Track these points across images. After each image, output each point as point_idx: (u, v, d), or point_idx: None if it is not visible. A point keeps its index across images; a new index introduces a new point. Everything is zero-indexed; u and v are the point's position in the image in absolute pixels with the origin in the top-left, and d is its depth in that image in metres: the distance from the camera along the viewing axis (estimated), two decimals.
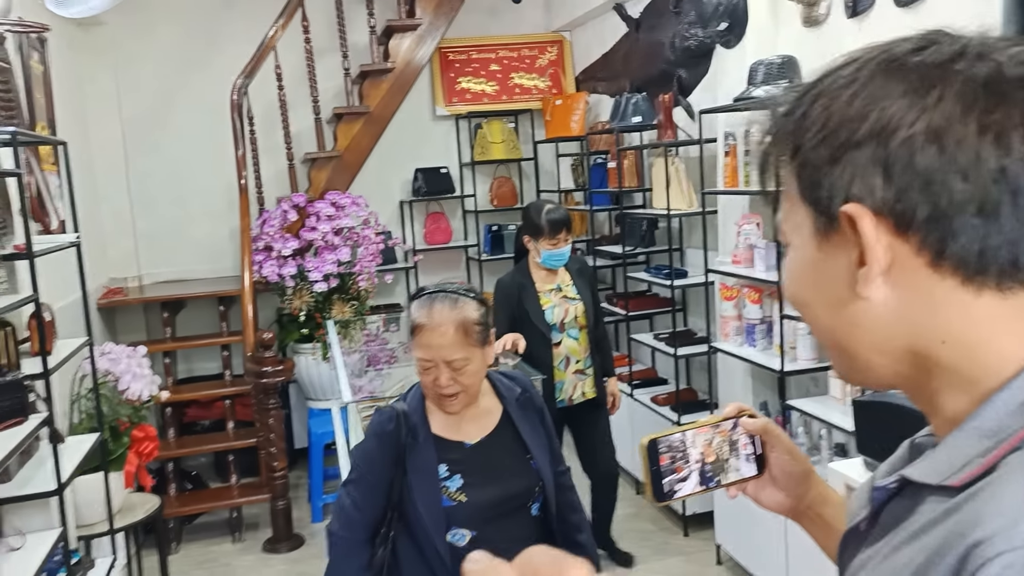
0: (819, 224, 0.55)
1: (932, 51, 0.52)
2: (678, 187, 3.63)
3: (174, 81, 4.71)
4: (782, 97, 0.60)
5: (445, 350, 1.53)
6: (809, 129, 0.54)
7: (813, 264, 0.57)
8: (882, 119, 0.51)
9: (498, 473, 1.60)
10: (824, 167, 0.53)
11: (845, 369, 0.60)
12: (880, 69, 0.53)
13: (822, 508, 0.83)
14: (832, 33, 2.90)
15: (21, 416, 1.92)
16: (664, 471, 0.83)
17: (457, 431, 1.62)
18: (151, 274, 4.73)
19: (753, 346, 3.11)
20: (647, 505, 4.00)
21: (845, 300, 0.55)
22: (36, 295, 1.99)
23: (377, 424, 1.60)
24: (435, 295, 1.58)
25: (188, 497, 3.98)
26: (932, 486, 0.52)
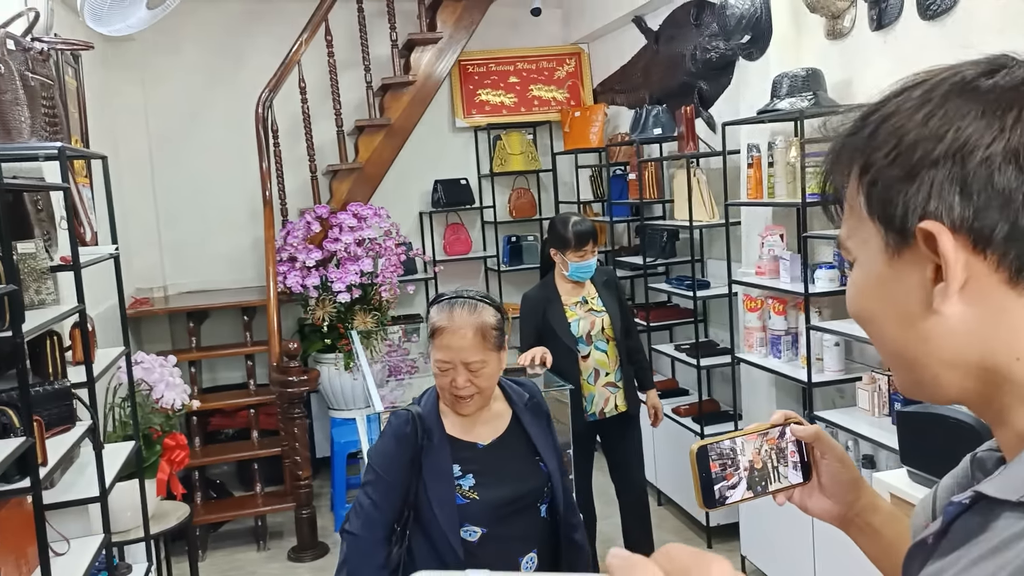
0: (890, 240, 0.56)
1: (1004, 74, 0.54)
2: (700, 199, 3.66)
3: (200, 96, 4.79)
4: (842, 118, 0.62)
5: (464, 352, 1.59)
6: (880, 148, 0.56)
7: (882, 280, 0.58)
8: (959, 139, 0.52)
9: (509, 473, 1.66)
10: (898, 184, 0.54)
11: (911, 384, 0.60)
12: (953, 91, 0.54)
13: (871, 516, 0.83)
14: (856, 46, 2.93)
15: (69, 423, 1.96)
16: (715, 478, 0.84)
17: (470, 432, 1.68)
18: (175, 284, 4.79)
19: (778, 357, 3.12)
20: (669, 516, 4.01)
21: (917, 315, 0.56)
22: (82, 305, 2.04)
23: (395, 426, 1.65)
24: (455, 300, 1.65)
25: (214, 505, 4.01)
26: (1011, 502, 0.52)
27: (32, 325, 1.65)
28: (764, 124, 3.18)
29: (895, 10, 2.70)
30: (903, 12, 2.68)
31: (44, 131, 2.17)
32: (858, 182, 0.58)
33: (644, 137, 4.03)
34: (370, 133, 4.65)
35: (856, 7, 2.90)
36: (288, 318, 4.53)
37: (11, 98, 2.03)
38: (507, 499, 1.64)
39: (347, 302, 4.20)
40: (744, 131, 3.36)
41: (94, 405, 2.11)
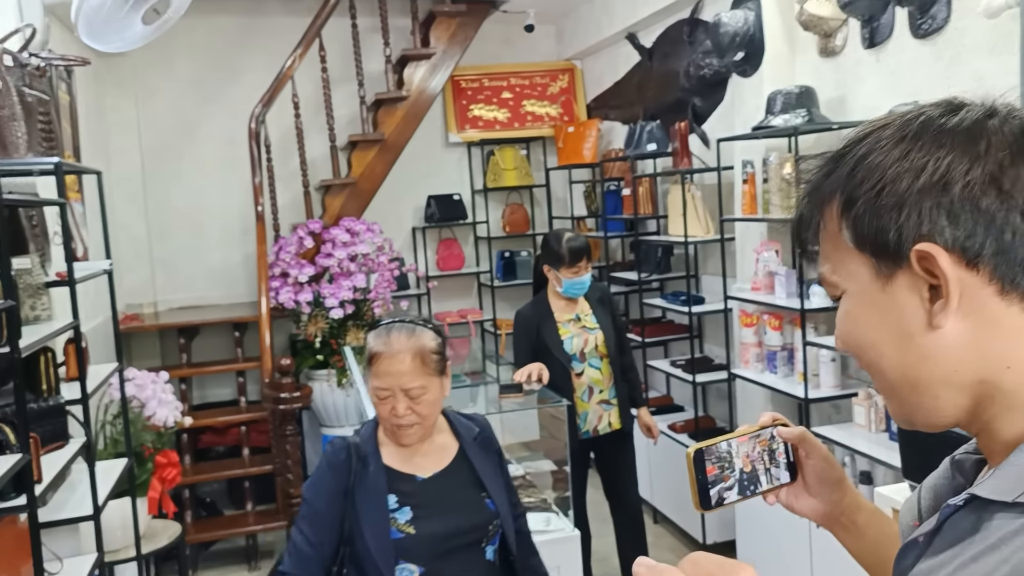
0: (882, 267, 0.60)
1: (965, 112, 0.60)
2: (694, 214, 3.67)
3: (192, 111, 4.78)
4: (814, 163, 0.67)
5: (404, 378, 1.54)
6: (864, 183, 0.60)
7: (877, 306, 0.61)
8: (940, 168, 0.57)
9: (450, 507, 1.59)
10: (888, 214, 0.59)
11: (911, 408, 0.63)
12: (924, 129, 0.60)
13: (856, 515, 0.86)
14: (849, 64, 2.96)
15: (63, 440, 1.93)
16: (711, 480, 0.85)
17: (410, 464, 1.61)
18: (166, 300, 4.75)
19: (774, 373, 3.12)
20: (665, 534, 3.99)
21: (915, 334, 0.60)
22: (77, 321, 2.01)
23: (329, 455, 1.59)
24: (392, 324, 1.61)
25: (204, 524, 3.96)
26: (1005, 503, 0.56)
27: (29, 341, 1.63)
28: (758, 140, 3.20)
29: (887, 29, 2.74)
30: (895, 31, 2.71)
31: (40, 146, 2.15)
32: (840, 218, 0.62)
33: (639, 152, 4.05)
34: (363, 148, 4.65)
35: (848, 26, 2.94)
36: (280, 334, 4.50)
37: (8, 114, 2.02)
38: (446, 534, 1.56)
39: (340, 318, 4.17)
40: (738, 147, 3.38)
41: (88, 422, 2.08)
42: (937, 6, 2.48)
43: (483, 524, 1.61)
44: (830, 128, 2.85)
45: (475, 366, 4.97)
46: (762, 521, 3.12)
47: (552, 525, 2.57)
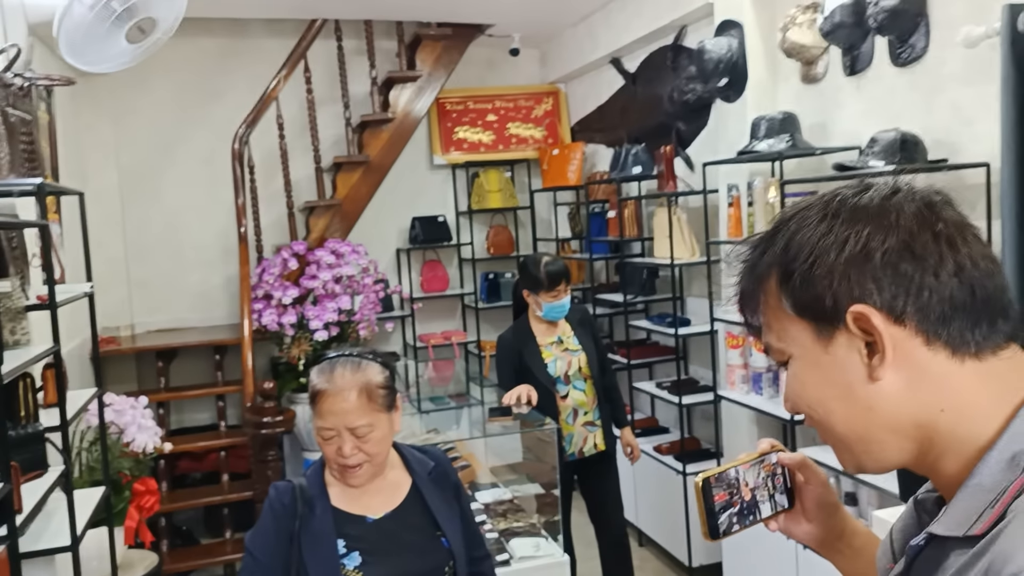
0: (821, 330, 0.67)
1: (874, 191, 0.68)
2: (680, 236, 3.70)
3: (171, 132, 4.74)
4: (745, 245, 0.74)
5: (349, 416, 1.45)
6: (798, 257, 0.68)
7: (821, 365, 0.68)
8: (860, 240, 0.65)
9: (402, 550, 1.52)
10: (822, 282, 0.66)
11: (860, 455, 0.69)
12: (843, 207, 0.68)
13: (852, 539, 0.90)
14: (830, 90, 3.01)
15: (41, 468, 1.88)
16: (719, 509, 0.85)
17: (359, 504, 1.53)
18: (143, 323, 4.68)
19: (760, 394, 3.13)
20: (651, 557, 3.96)
21: (857, 388, 0.67)
22: (58, 346, 1.97)
23: (273, 499, 1.50)
24: (335, 360, 1.52)
25: (181, 553, 3.87)
26: (958, 538, 0.62)
27: (11, 367, 1.58)
28: (743, 164, 3.24)
29: (867, 57, 2.79)
30: (875, 59, 2.76)
31: (23, 167, 2.12)
32: (779, 290, 0.69)
33: (624, 175, 4.07)
34: (348, 170, 4.64)
35: (829, 54, 2.99)
36: (261, 356, 4.44)
37: None
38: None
39: (324, 340, 4.13)
40: (723, 171, 3.42)
41: (67, 449, 2.02)
42: (916, 36, 2.53)
43: (438, 566, 1.54)
44: (813, 153, 2.89)
45: (459, 388, 4.94)
46: (748, 544, 3.11)
47: (541, 550, 2.54)
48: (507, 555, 2.52)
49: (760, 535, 3.01)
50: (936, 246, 0.65)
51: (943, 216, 0.67)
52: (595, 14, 4.65)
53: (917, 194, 0.68)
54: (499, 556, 2.51)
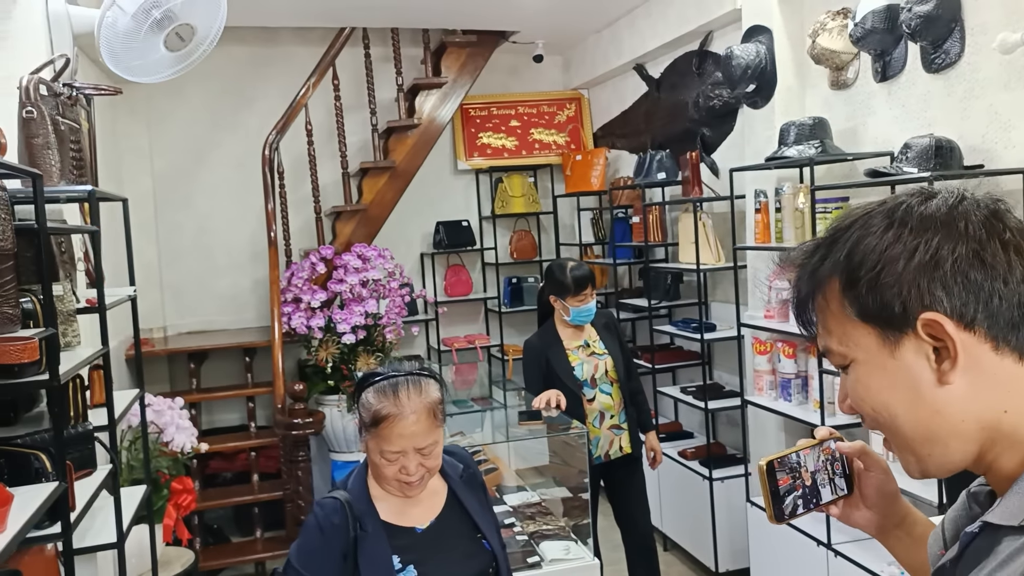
0: (888, 336, 0.69)
1: (940, 199, 0.70)
2: (706, 242, 3.71)
3: (203, 138, 4.82)
4: (802, 249, 0.76)
5: (418, 438, 1.45)
6: (863, 264, 0.69)
7: (887, 370, 0.70)
8: (931, 249, 0.67)
9: (452, 559, 1.53)
10: (890, 290, 0.68)
11: (924, 459, 0.71)
12: (908, 215, 0.70)
13: (912, 527, 0.92)
14: (860, 97, 3.02)
15: (91, 467, 1.93)
16: (782, 492, 0.87)
17: (406, 516, 1.53)
18: (175, 325, 4.76)
19: (788, 400, 3.14)
20: (675, 561, 3.97)
21: (925, 392, 0.68)
22: (107, 348, 2.02)
23: (321, 518, 1.47)
24: (396, 381, 1.49)
25: (213, 551, 3.93)
26: (1011, 527, 0.65)
27: (66, 368, 1.64)
28: (770, 170, 3.25)
29: (899, 63, 2.80)
30: (907, 65, 2.77)
31: (71, 174, 2.18)
32: (842, 295, 0.71)
33: (648, 181, 4.10)
34: (374, 175, 4.69)
35: (860, 59, 3.00)
36: (289, 359, 4.50)
37: (42, 142, 2.04)
38: None
39: (351, 343, 4.18)
40: (749, 177, 3.43)
41: (115, 448, 2.08)
42: (950, 41, 2.54)
43: (483, 569, 1.57)
44: (844, 159, 2.90)
45: (483, 392, 4.97)
46: (776, 549, 3.12)
47: (571, 553, 2.57)
48: (538, 557, 2.54)
49: (789, 539, 3.01)
50: (1005, 254, 0.67)
51: (1009, 224, 0.69)
52: (620, 20, 4.68)
53: (982, 202, 0.70)
54: (529, 559, 2.54)
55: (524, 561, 2.51)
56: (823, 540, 2.84)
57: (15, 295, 1.53)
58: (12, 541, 1.31)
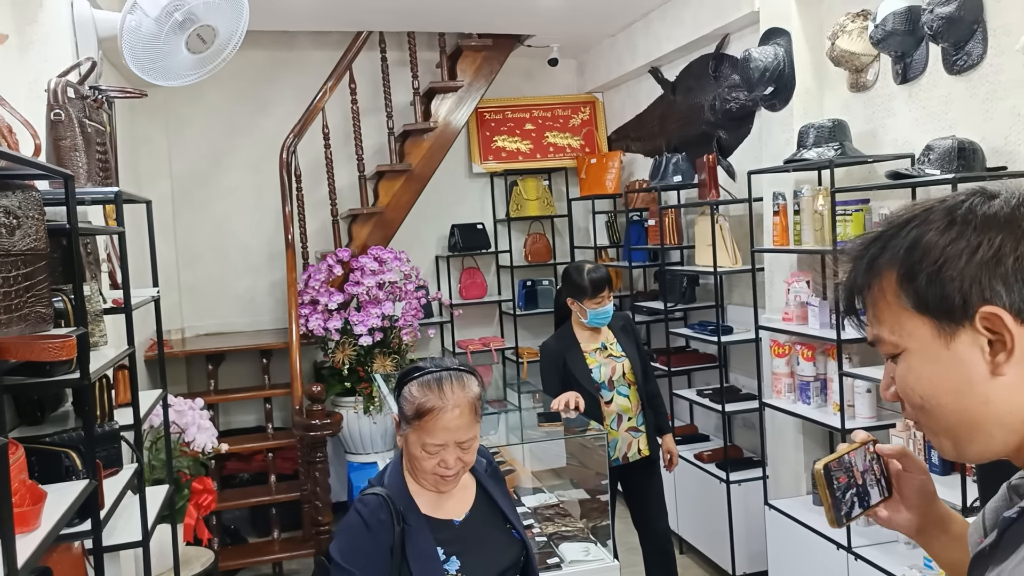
0: (943, 327, 0.71)
1: (1001, 200, 0.73)
2: (723, 245, 3.71)
3: (221, 141, 4.86)
4: (859, 241, 0.79)
5: (460, 431, 1.49)
6: (924, 258, 0.72)
7: (940, 360, 0.72)
8: (993, 246, 0.70)
9: (489, 549, 1.58)
10: (951, 284, 0.70)
11: (964, 444, 0.74)
12: (971, 214, 0.72)
13: (950, 526, 0.94)
14: (880, 99, 3.01)
15: (117, 466, 1.95)
16: (840, 495, 0.88)
17: (443, 509, 1.58)
18: (193, 327, 4.79)
19: (807, 403, 3.13)
20: (692, 564, 3.96)
21: (976, 382, 0.71)
22: (132, 348, 2.04)
23: (366, 515, 1.50)
24: (440, 375, 1.53)
25: (231, 551, 3.95)
26: None
27: (95, 367, 1.65)
28: (788, 173, 3.24)
29: (920, 65, 2.79)
30: (928, 66, 2.76)
31: (98, 176, 2.20)
32: (898, 286, 0.73)
33: (664, 184, 4.10)
34: (390, 178, 4.72)
35: (880, 61, 2.99)
36: (306, 361, 4.52)
37: (70, 144, 2.07)
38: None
39: (368, 345, 4.20)
40: (767, 179, 3.43)
41: (140, 447, 2.10)
42: (972, 43, 2.53)
43: (517, 559, 1.61)
44: (865, 161, 2.89)
45: (498, 394, 4.98)
46: (795, 552, 3.11)
47: (591, 555, 2.57)
48: (557, 559, 2.55)
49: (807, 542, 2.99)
50: None
51: None
52: (635, 23, 4.69)
53: None
54: (549, 560, 2.54)
55: (544, 562, 2.51)
56: (843, 543, 2.83)
57: (48, 295, 1.55)
58: (47, 538, 1.32)
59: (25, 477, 1.41)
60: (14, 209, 1.45)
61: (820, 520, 3.06)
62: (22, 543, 1.26)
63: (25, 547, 1.25)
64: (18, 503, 1.30)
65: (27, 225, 1.49)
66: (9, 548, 1.15)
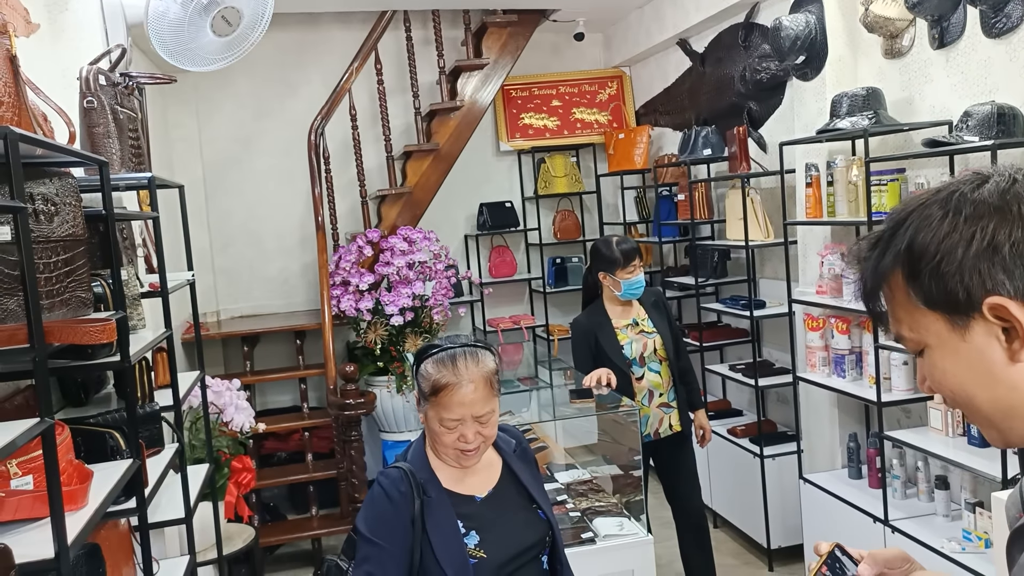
0: (956, 321, 0.71)
1: (992, 183, 0.71)
2: (754, 218, 3.66)
3: (250, 125, 4.90)
4: (864, 243, 0.78)
5: (476, 405, 1.52)
6: (923, 256, 0.71)
7: (960, 353, 0.72)
8: (986, 235, 0.69)
9: (511, 527, 1.59)
10: (953, 278, 0.70)
11: (1006, 432, 0.74)
12: (963, 203, 0.71)
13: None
14: (916, 65, 2.93)
15: (159, 446, 2.00)
16: None
17: (465, 485, 1.60)
18: (228, 309, 4.87)
19: (842, 376, 3.09)
20: (727, 539, 3.96)
21: (999, 371, 0.70)
22: (170, 331, 2.09)
23: (388, 487, 1.53)
24: (454, 351, 1.56)
25: (271, 528, 4.04)
26: None
27: (134, 350, 1.70)
28: (821, 144, 3.18)
29: (957, 28, 2.70)
30: (966, 30, 2.68)
31: (131, 161, 2.24)
32: (907, 285, 0.73)
33: (694, 158, 4.04)
34: (418, 158, 4.72)
35: (915, 26, 2.91)
36: (339, 341, 4.58)
37: (103, 131, 2.11)
38: (514, 555, 1.57)
39: (399, 325, 4.24)
40: (799, 151, 3.36)
41: (180, 428, 2.15)
42: (1012, 5, 2.45)
43: (541, 538, 1.63)
44: (900, 129, 2.82)
45: (529, 371, 5.00)
46: (831, 525, 3.09)
47: (625, 529, 2.59)
48: (591, 533, 2.57)
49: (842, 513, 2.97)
50: None
51: None
52: None
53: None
54: (583, 535, 2.56)
55: (578, 537, 2.53)
56: (879, 516, 2.81)
57: (87, 280, 1.59)
58: (94, 515, 1.37)
59: (72, 457, 1.46)
60: (52, 196, 1.49)
61: (856, 493, 3.04)
62: (72, 520, 1.31)
63: (75, 524, 1.30)
64: (66, 482, 1.35)
65: (65, 212, 1.52)
66: (59, 525, 1.19)
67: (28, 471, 1.30)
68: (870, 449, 3.05)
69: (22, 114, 1.50)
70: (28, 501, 1.28)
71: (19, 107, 1.48)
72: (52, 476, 1.18)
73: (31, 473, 1.30)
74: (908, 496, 2.94)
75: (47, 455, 1.18)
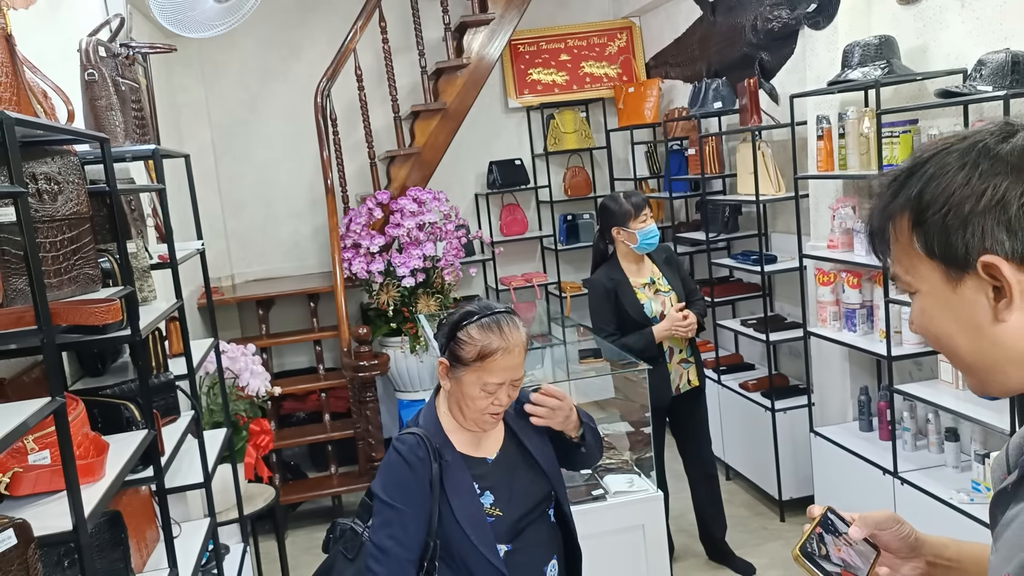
0: (951, 273, 0.72)
1: (1018, 139, 0.70)
2: (765, 172, 3.61)
3: (256, 89, 4.87)
4: (883, 178, 0.79)
5: (517, 370, 1.56)
6: (932, 204, 0.72)
7: (949, 304, 0.73)
8: (997, 192, 0.69)
9: (519, 485, 1.64)
10: (956, 231, 0.70)
11: (984, 382, 0.76)
12: (983, 155, 0.70)
13: (944, 551, 0.95)
14: (931, 11, 2.84)
15: (175, 414, 2.05)
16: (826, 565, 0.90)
17: (477, 448, 1.63)
18: (242, 273, 4.92)
19: (853, 331, 3.08)
20: (739, 490, 4.02)
21: (984, 326, 0.72)
22: (181, 301, 2.12)
23: (405, 452, 1.56)
24: (498, 317, 1.57)
25: (292, 486, 4.15)
26: None
27: (145, 322, 1.73)
28: (833, 95, 3.12)
29: None
30: None
31: (135, 133, 2.24)
32: (911, 231, 0.74)
33: (704, 111, 3.98)
34: (426, 118, 4.68)
35: None
36: (352, 303, 4.62)
37: (105, 104, 2.10)
38: (525, 511, 1.62)
39: (411, 286, 4.26)
40: (811, 102, 3.30)
41: (195, 395, 2.20)
42: None
43: (548, 493, 1.68)
44: (913, 79, 2.76)
45: (542, 329, 5.03)
46: (841, 477, 3.12)
47: (635, 486, 2.63)
48: (602, 490, 2.61)
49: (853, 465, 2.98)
50: None
51: None
52: None
53: None
54: (594, 492, 2.61)
55: (589, 494, 2.58)
56: (889, 468, 2.83)
57: (94, 256, 1.61)
58: (111, 486, 1.42)
59: (88, 430, 1.50)
60: (54, 175, 1.50)
61: (867, 446, 3.06)
62: (90, 492, 1.35)
63: (92, 495, 1.34)
64: (82, 455, 1.39)
65: (68, 190, 1.54)
66: (76, 498, 1.23)
67: (44, 446, 1.34)
68: (881, 402, 3.06)
69: (20, 93, 1.50)
70: (46, 475, 1.33)
71: (17, 87, 1.48)
72: (66, 451, 1.22)
73: (47, 448, 1.34)
74: (919, 448, 2.96)
75: (60, 432, 1.21)
